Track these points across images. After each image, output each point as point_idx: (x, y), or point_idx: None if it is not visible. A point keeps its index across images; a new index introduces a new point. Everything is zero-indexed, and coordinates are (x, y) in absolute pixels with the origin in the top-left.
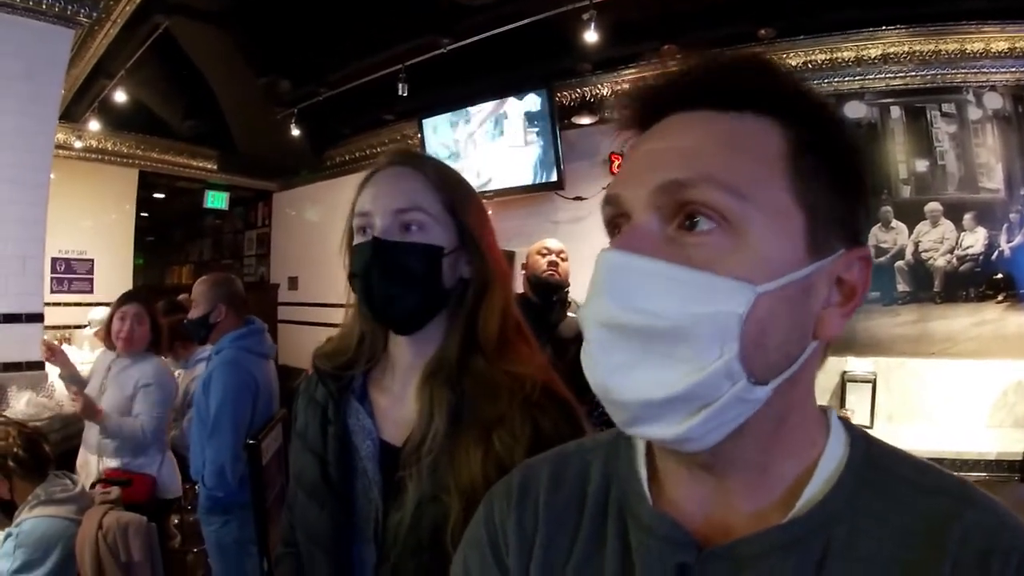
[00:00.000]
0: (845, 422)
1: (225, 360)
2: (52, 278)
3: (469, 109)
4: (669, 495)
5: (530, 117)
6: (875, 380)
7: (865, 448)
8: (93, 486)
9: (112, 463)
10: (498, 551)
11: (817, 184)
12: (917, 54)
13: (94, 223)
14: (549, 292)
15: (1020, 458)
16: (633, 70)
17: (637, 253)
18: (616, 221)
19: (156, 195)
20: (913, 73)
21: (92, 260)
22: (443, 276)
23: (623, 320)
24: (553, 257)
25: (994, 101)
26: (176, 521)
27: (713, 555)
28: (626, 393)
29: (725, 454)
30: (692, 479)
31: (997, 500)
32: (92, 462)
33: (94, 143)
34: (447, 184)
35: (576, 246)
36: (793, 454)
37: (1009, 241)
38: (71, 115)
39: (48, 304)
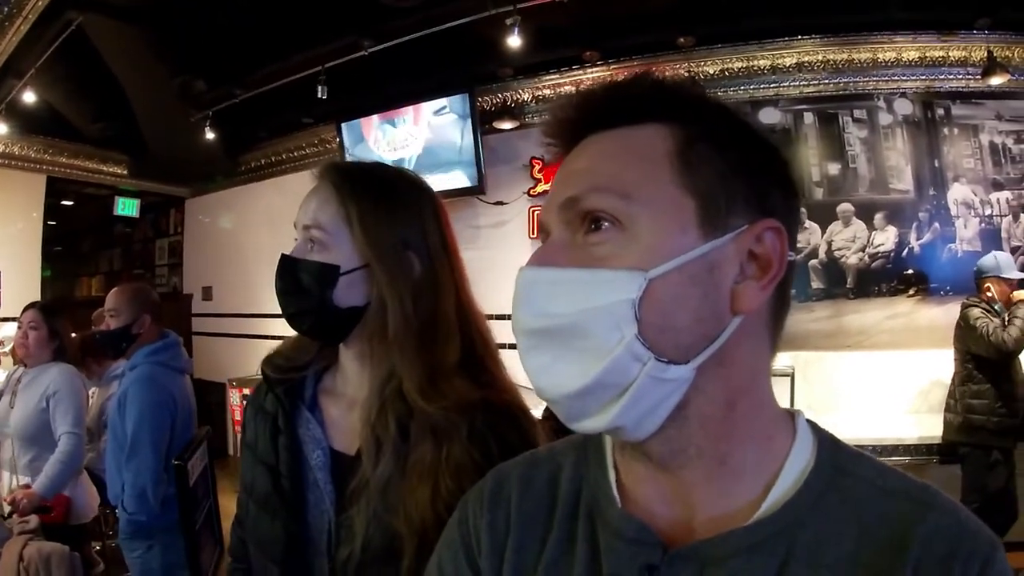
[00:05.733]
0: (813, 425)
1: (140, 377)
2: None
3: (390, 113)
4: (636, 497)
5: (450, 121)
6: (793, 373)
7: (832, 452)
8: (10, 515)
9: (26, 479)
10: (471, 553)
11: (709, 170)
12: (831, 63)
13: (0, 233)
14: None
15: (939, 442)
16: (555, 76)
17: (545, 265)
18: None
19: (64, 202)
20: (826, 81)
21: None
22: (337, 296)
23: (537, 325)
24: None
25: (904, 107)
26: (98, 548)
27: (679, 556)
28: (553, 390)
29: (672, 441)
30: (651, 476)
31: (959, 504)
32: (5, 480)
33: (0, 147)
34: (351, 196)
35: (497, 251)
36: (750, 445)
37: (919, 239)
38: None
39: None
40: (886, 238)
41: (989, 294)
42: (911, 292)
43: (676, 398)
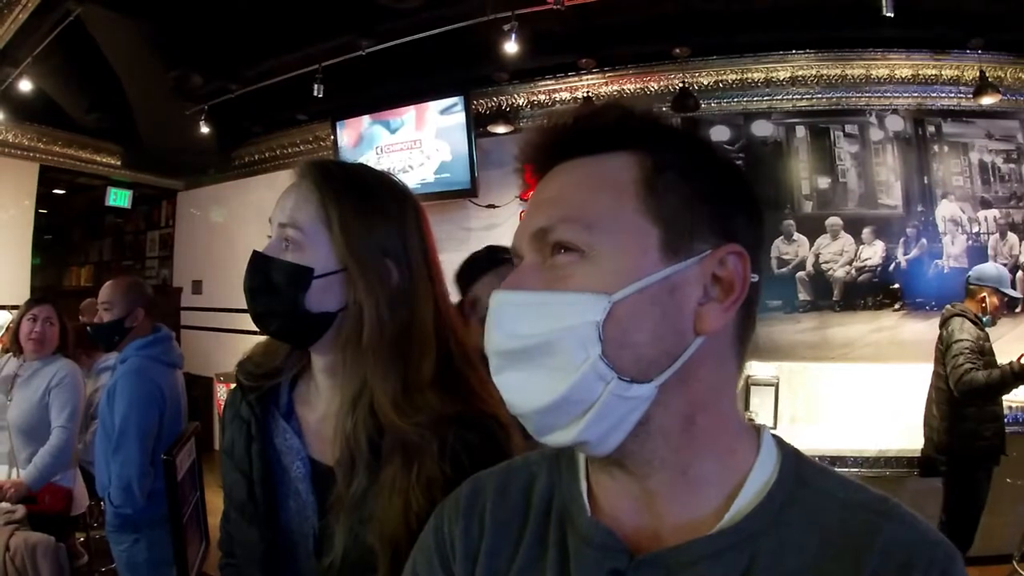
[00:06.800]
0: (777, 439)
1: (130, 370)
2: None
3: (385, 113)
4: (605, 506)
5: (445, 123)
6: (778, 384)
7: (795, 464)
8: None
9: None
10: (445, 559)
11: (675, 198)
12: (824, 77)
13: None
14: None
15: (918, 455)
16: (550, 82)
17: (517, 289)
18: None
19: (56, 191)
20: (819, 95)
21: None
22: (309, 300)
23: (508, 346)
24: None
25: (895, 123)
26: (82, 539)
27: (644, 562)
28: (522, 406)
29: (636, 455)
30: (618, 487)
31: (919, 516)
32: (3, 473)
33: None
34: (332, 197)
35: None
36: (712, 457)
37: (906, 254)
38: None
39: None
40: (873, 252)
41: (984, 304)
42: (896, 306)
43: (638, 414)
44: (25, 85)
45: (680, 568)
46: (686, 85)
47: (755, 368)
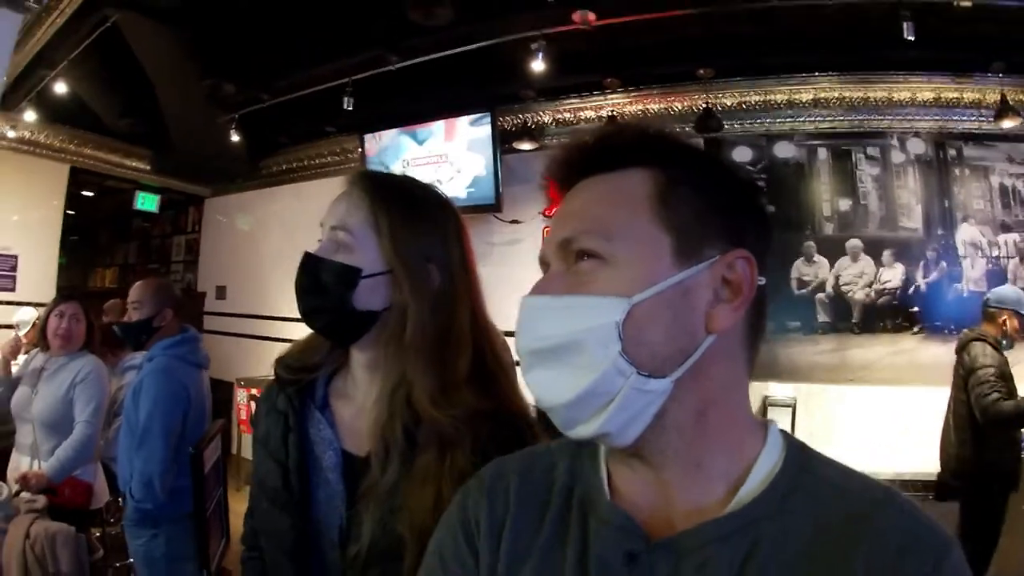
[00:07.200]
0: (784, 432)
1: (157, 368)
2: None
3: (413, 127)
4: (623, 493)
5: (477, 135)
6: (795, 404)
7: (799, 454)
8: (17, 493)
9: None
10: (470, 535)
11: (687, 209)
12: (846, 100)
13: (21, 218)
14: None
15: (934, 478)
16: (575, 100)
17: (543, 294)
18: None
19: (85, 193)
20: (841, 117)
21: (16, 257)
22: (356, 298)
23: (536, 346)
24: None
25: (917, 146)
26: (98, 534)
27: (659, 546)
28: (551, 400)
29: (652, 446)
30: (636, 477)
31: (919, 506)
32: (25, 464)
33: (27, 134)
34: (382, 204)
35: (512, 268)
36: (722, 451)
37: (925, 277)
38: (5, 103)
39: None
40: (893, 275)
41: (1004, 327)
42: (915, 329)
43: (655, 407)
44: (59, 87)
45: (690, 552)
46: (709, 106)
47: (772, 389)
